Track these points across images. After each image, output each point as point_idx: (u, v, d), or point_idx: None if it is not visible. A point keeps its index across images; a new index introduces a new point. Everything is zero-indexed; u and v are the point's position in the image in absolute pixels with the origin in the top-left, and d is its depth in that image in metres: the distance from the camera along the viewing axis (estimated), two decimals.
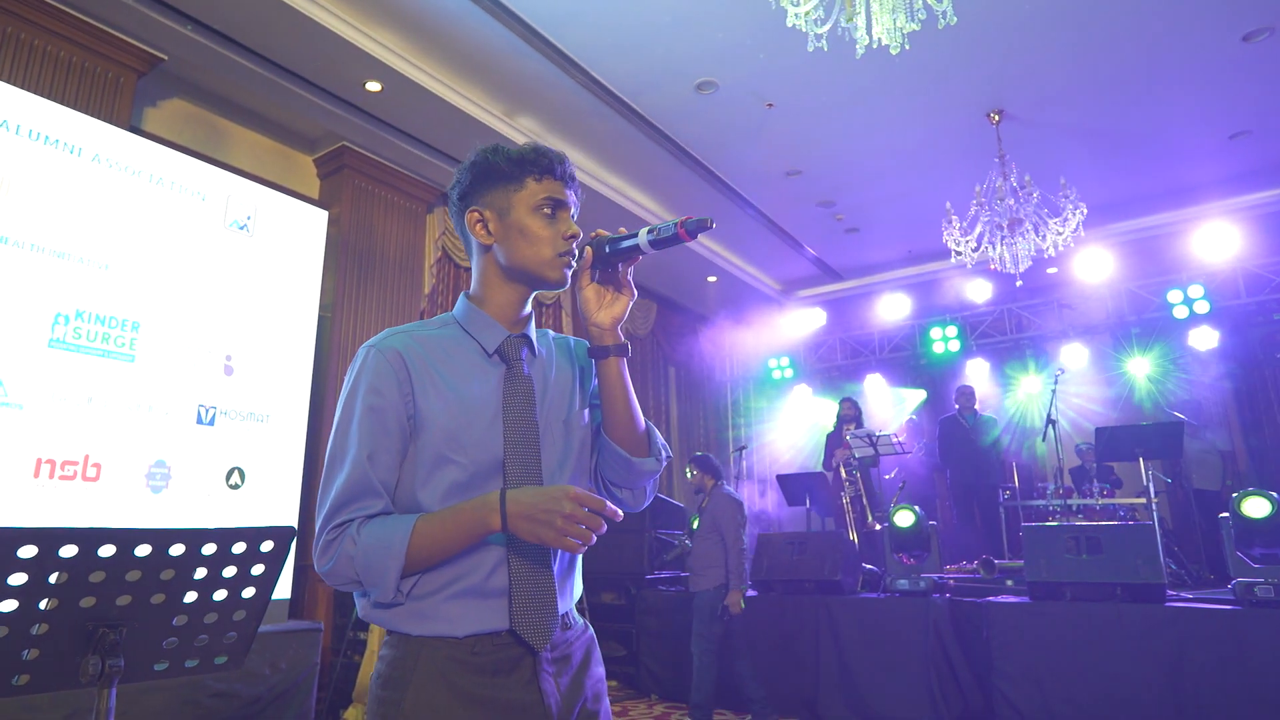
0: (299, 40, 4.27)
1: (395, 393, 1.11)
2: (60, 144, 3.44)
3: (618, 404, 1.19)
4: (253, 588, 1.34)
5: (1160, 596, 3.70)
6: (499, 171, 1.19)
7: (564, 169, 1.20)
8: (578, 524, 0.99)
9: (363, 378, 1.13)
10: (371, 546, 1.03)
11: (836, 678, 4.24)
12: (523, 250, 1.17)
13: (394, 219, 5.58)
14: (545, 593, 1.11)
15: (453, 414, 1.12)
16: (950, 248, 5.62)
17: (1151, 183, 6.63)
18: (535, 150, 1.19)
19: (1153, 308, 7.39)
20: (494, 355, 1.19)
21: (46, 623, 1.14)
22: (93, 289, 3.46)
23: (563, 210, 1.19)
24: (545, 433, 1.18)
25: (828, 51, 3.65)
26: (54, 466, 3.22)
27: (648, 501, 1.29)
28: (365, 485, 1.08)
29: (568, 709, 1.12)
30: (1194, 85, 5.17)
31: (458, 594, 1.08)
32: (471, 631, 1.07)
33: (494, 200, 1.19)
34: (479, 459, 1.12)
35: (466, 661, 1.06)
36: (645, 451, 1.23)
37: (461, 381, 1.15)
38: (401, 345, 1.15)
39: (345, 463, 1.09)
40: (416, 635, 1.07)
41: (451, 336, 1.20)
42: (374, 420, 1.10)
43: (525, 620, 1.08)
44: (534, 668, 1.09)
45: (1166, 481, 6.64)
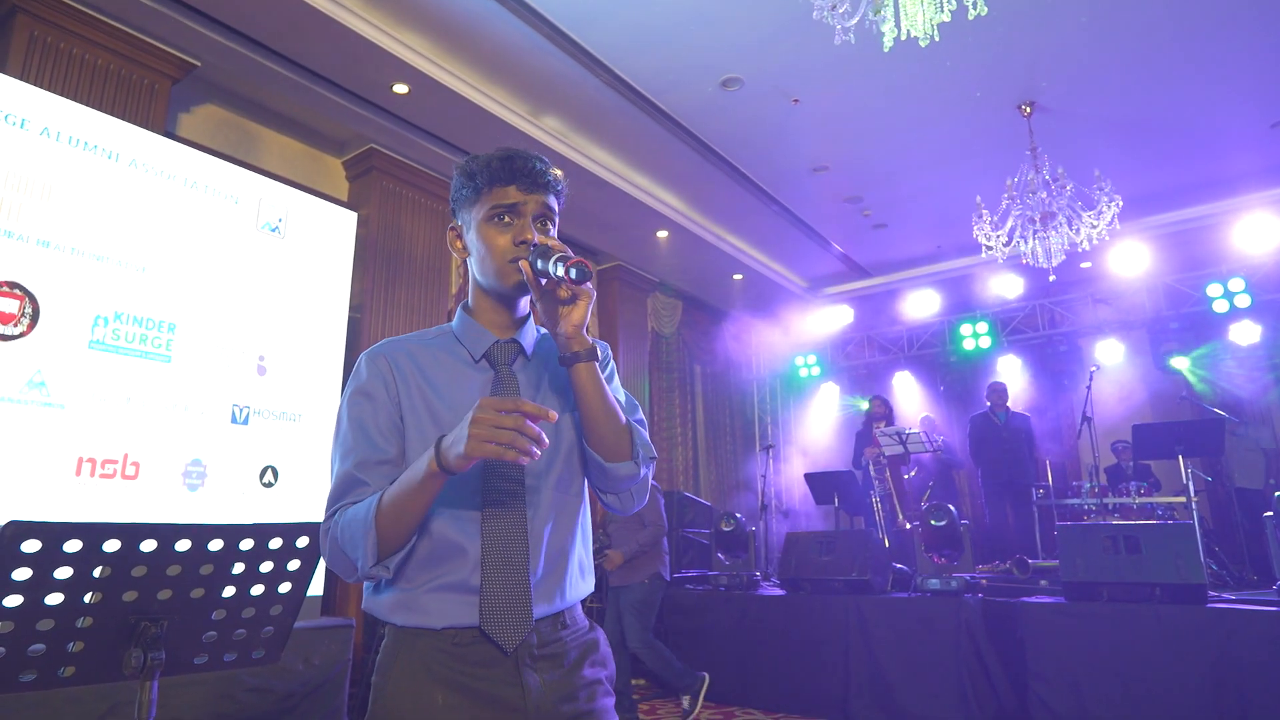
0: (327, 45, 4.33)
1: (383, 394, 1.18)
2: (98, 149, 3.52)
3: (590, 409, 1.17)
4: (289, 583, 1.36)
5: (1201, 598, 3.61)
6: (460, 187, 1.22)
7: (517, 171, 1.18)
8: (490, 426, 0.96)
9: (357, 383, 1.20)
10: (348, 523, 1.10)
11: (867, 678, 4.20)
12: (480, 263, 1.21)
13: (421, 220, 5.63)
14: (517, 594, 1.12)
15: (434, 416, 1.17)
16: (981, 242, 5.53)
17: (1189, 173, 6.47)
18: (488, 160, 1.19)
19: (1191, 302, 7.21)
20: (481, 361, 1.22)
21: (91, 616, 1.17)
22: (131, 291, 3.53)
23: (517, 216, 1.19)
24: None
25: (855, 45, 3.61)
26: (94, 465, 3.30)
27: (638, 505, 1.27)
28: (351, 482, 1.14)
29: (551, 705, 1.12)
30: (1233, 72, 5.03)
31: (437, 588, 1.12)
32: (448, 624, 1.10)
33: (462, 216, 1.24)
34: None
35: (448, 651, 1.10)
36: (625, 455, 1.20)
37: (445, 386, 1.20)
38: (389, 352, 1.21)
39: (335, 465, 1.17)
40: (401, 625, 1.12)
41: (442, 345, 1.25)
42: (360, 421, 1.16)
43: (493, 620, 1.10)
44: (516, 664, 1.11)
45: (1207, 480, 6.48)
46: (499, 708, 1.09)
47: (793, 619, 4.57)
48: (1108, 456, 6.97)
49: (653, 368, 8.07)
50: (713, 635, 4.85)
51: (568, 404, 1.24)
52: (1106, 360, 7.72)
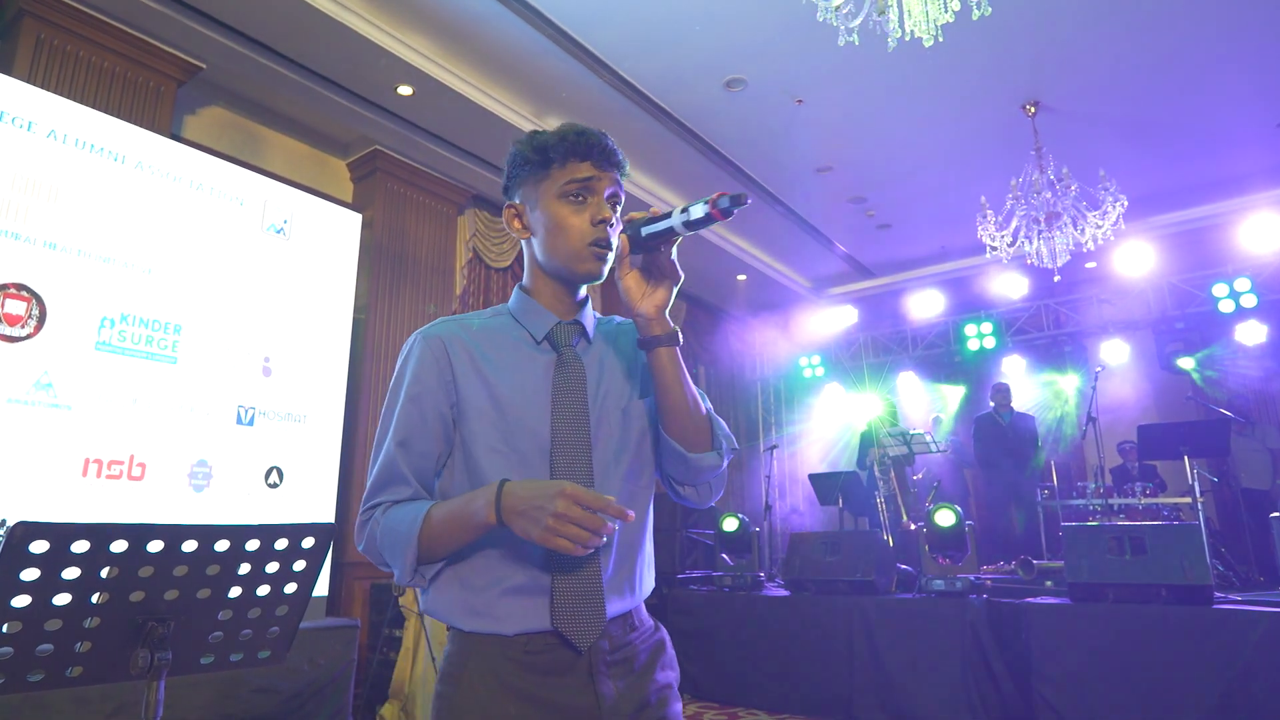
0: (332, 47, 4.34)
1: (435, 380, 1.11)
2: (105, 152, 3.54)
3: (671, 396, 1.12)
4: (295, 583, 1.37)
5: (1207, 598, 3.60)
6: (527, 161, 1.14)
7: (590, 147, 1.12)
8: (570, 524, 0.92)
9: (407, 366, 1.14)
10: (389, 531, 1.05)
11: (871, 679, 4.19)
12: (552, 243, 1.13)
13: (426, 221, 5.65)
14: (590, 592, 1.07)
15: (497, 402, 1.11)
16: (985, 243, 5.52)
17: (1195, 173, 6.45)
18: (560, 133, 1.12)
19: (1197, 302, 7.18)
20: (543, 342, 1.16)
21: (98, 616, 1.18)
22: (137, 293, 3.55)
23: (593, 194, 1.12)
24: (601, 422, 1.14)
25: (859, 46, 3.60)
26: (101, 466, 3.31)
27: (716, 497, 1.22)
28: (394, 472, 1.09)
29: (624, 712, 1.07)
30: (1239, 71, 5.01)
31: (506, 591, 1.06)
32: (520, 630, 1.05)
33: (526, 192, 1.16)
34: (525, 449, 1.10)
35: (519, 660, 1.04)
36: (706, 445, 1.15)
37: (508, 369, 1.13)
38: (446, 333, 1.15)
39: (381, 450, 1.11)
40: (469, 631, 1.07)
41: (502, 325, 1.18)
42: (411, 409, 1.11)
43: (567, 620, 1.05)
44: (589, 669, 1.06)
45: (1213, 480, 6.46)
46: (573, 718, 1.04)
47: (797, 619, 4.57)
48: (1113, 457, 6.95)
49: None
50: (717, 636, 4.85)
51: (632, 390, 1.19)
52: (1112, 361, 7.69)
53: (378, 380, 5.06)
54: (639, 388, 1.20)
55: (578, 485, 0.95)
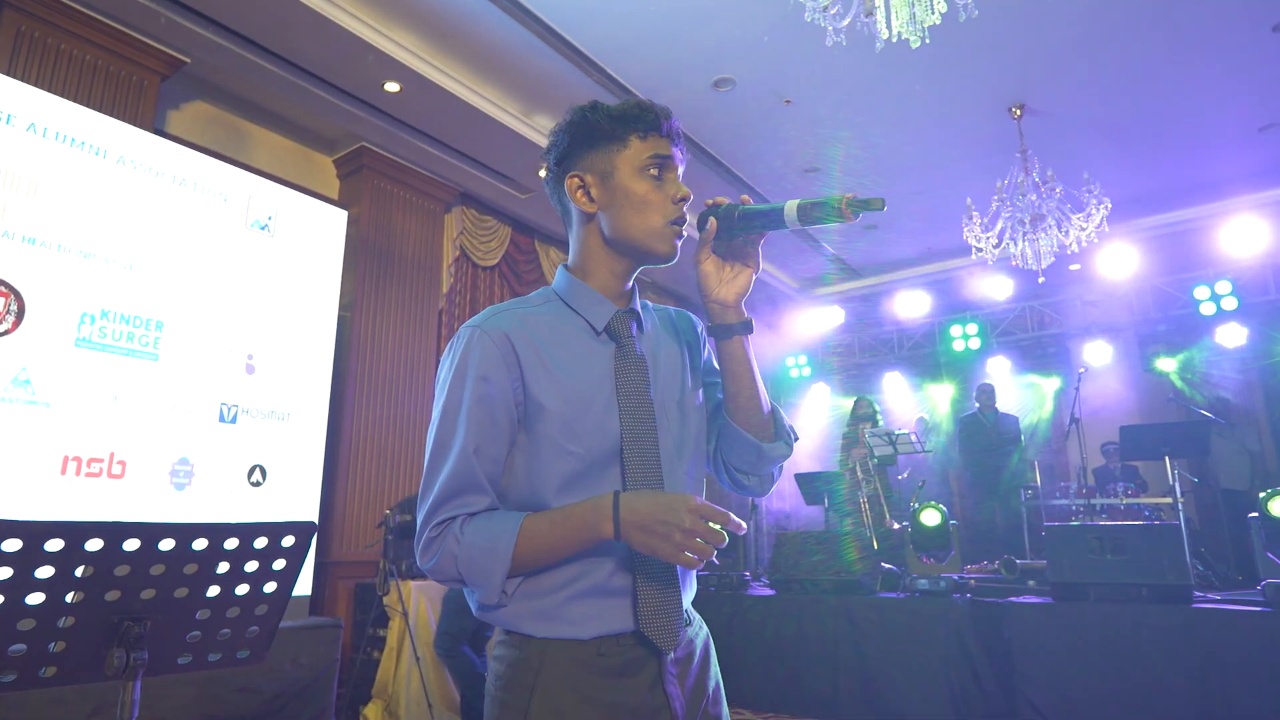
0: (319, 42, 4.31)
1: (504, 378, 1.03)
2: (86, 146, 3.50)
3: (745, 386, 1.09)
4: (274, 582, 1.36)
5: (1187, 598, 3.64)
6: (600, 131, 1.08)
7: (670, 125, 1.09)
8: (696, 539, 0.91)
9: (470, 362, 1.03)
10: (476, 546, 0.97)
11: (856, 678, 4.21)
12: (629, 218, 1.08)
13: (412, 219, 5.62)
14: (670, 591, 1.03)
15: (567, 401, 1.03)
16: (971, 244, 5.56)
17: (1178, 177, 6.52)
18: (639, 105, 1.08)
19: (1179, 304, 7.27)
20: (602, 333, 1.09)
21: (72, 616, 1.16)
22: (118, 289, 3.51)
23: (670, 171, 1.09)
24: (660, 416, 1.09)
25: (846, 46, 3.62)
26: (80, 464, 3.27)
27: (773, 486, 1.20)
28: (470, 480, 1.00)
29: (692, 711, 1.06)
30: (1222, 76, 5.07)
31: (580, 593, 1.01)
32: (598, 634, 1.00)
33: (596, 163, 1.08)
34: (595, 448, 1.04)
35: (592, 664, 0.99)
36: (773, 435, 1.13)
37: (572, 364, 1.06)
38: (508, 326, 1.05)
39: (450, 455, 1.01)
40: (540, 637, 1.00)
41: (556, 314, 1.10)
42: (482, 410, 1.01)
43: (652, 622, 1.00)
44: (659, 670, 1.03)
45: (1193, 481, 6.53)
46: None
47: (782, 619, 4.58)
48: (1095, 458, 7.01)
49: None
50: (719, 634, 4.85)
51: (685, 382, 1.15)
52: (1095, 362, 7.77)
53: (363, 378, 5.02)
54: (689, 379, 1.17)
55: (699, 500, 0.93)
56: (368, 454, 4.94)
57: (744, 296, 1.10)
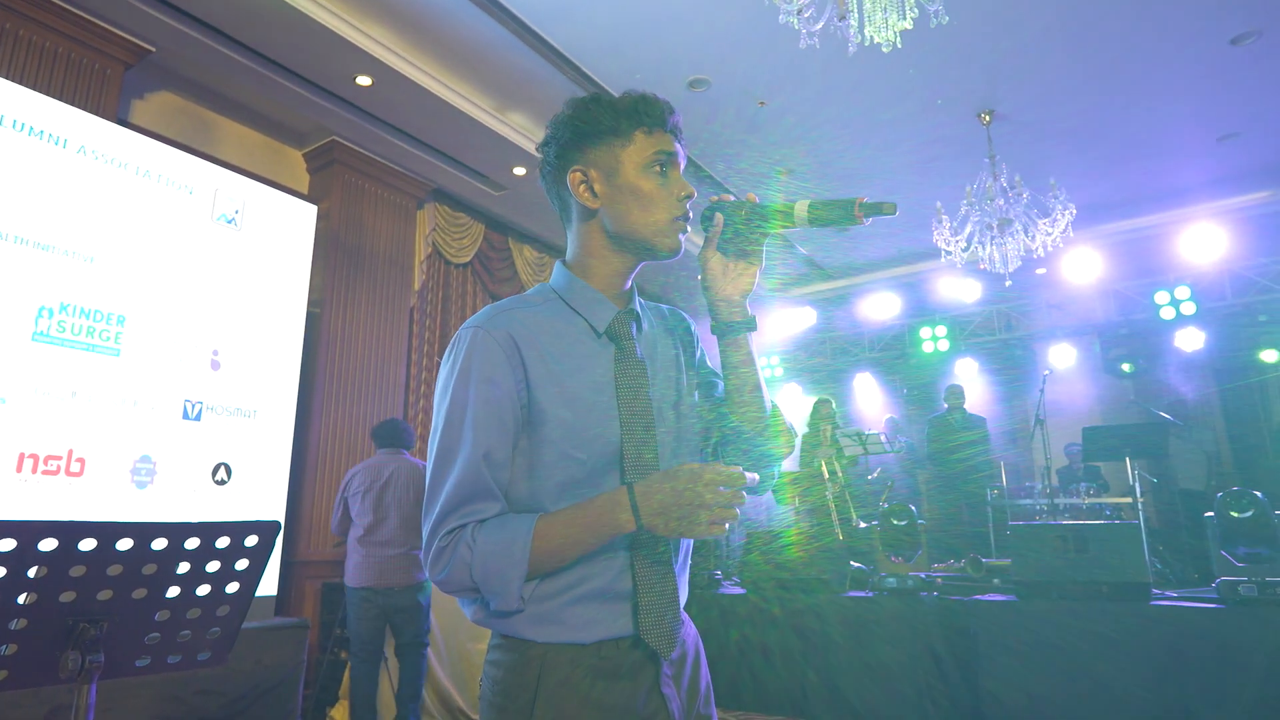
0: (289, 33, 4.24)
1: (509, 380, 1.00)
2: (45, 135, 3.40)
3: (748, 383, 1.09)
4: (236, 583, 1.33)
5: (1146, 595, 3.73)
6: (604, 125, 1.06)
7: (674, 120, 1.08)
8: (723, 508, 0.91)
9: (474, 363, 1.00)
10: (490, 553, 0.94)
11: (825, 675, 4.25)
12: (634, 214, 1.06)
13: (384, 215, 5.55)
14: (670, 595, 1.03)
15: (570, 405, 1.02)
16: (940, 247, 5.64)
17: (1140, 184, 6.67)
18: (643, 99, 1.07)
19: (1140, 308, 7.44)
20: (603, 335, 1.08)
21: (25, 618, 1.13)
22: (78, 282, 3.42)
23: (674, 167, 1.08)
24: (658, 418, 1.08)
25: (820, 50, 3.65)
26: (37, 461, 3.19)
27: (772, 484, 1.19)
28: (480, 487, 0.98)
29: (687, 712, 1.06)
30: (1183, 87, 5.20)
31: (581, 597, 1.00)
32: (599, 638, 0.99)
33: (599, 158, 1.07)
34: (597, 453, 1.02)
35: (593, 667, 0.99)
36: (775, 432, 1.14)
37: (575, 367, 1.04)
38: (511, 326, 1.03)
39: (458, 461, 0.98)
40: (541, 642, 0.99)
41: (556, 314, 1.08)
42: (489, 413, 0.99)
43: (651, 627, 1.00)
44: (656, 672, 1.03)
45: (1152, 481, 6.69)
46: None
47: (752, 617, 4.60)
48: (1059, 458, 7.15)
49: None
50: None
51: (680, 384, 1.14)
52: (1059, 364, 7.92)
53: (331, 375, 4.96)
54: (685, 380, 1.16)
55: (711, 468, 0.92)
56: (336, 452, 4.88)
57: (749, 294, 1.11)
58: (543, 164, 1.13)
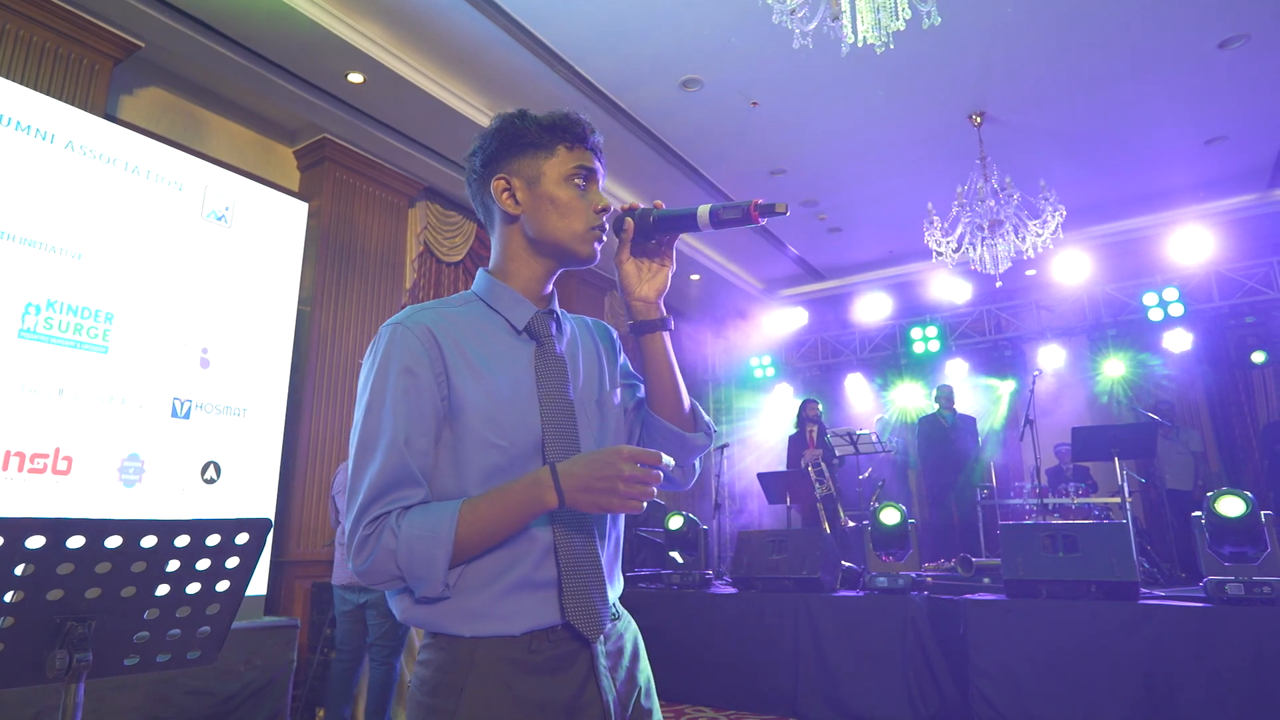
0: (280, 29, 4.22)
1: (429, 372, 1.04)
2: (33, 130, 3.37)
3: (666, 379, 1.15)
4: (227, 581, 1.32)
5: (1134, 594, 3.75)
6: (529, 138, 1.12)
7: (595, 139, 1.15)
8: (638, 483, 0.95)
9: (393, 356, 1.04)
10: (415, 537, 0.95)
11: (815, 674, 4.26)
12: (553, 222, 1.12)
13: (375, 212, 5.53)
14: (595, 580, 1.06)
15: (489, 395, 1.06)
16: (931, 248, 5.66)
17: (1129, 186, 6.72)
18: (566, 117, 1.13)
19: (1129, 310, 7.50)
20: (523, 333, 1.13)
21: (11, 616, 1.11)
22: (65, 279, 3.39)
23: (593, 182, 1.14)
24: (580, 413, 1.13)
25: (813, 50, 3.66)
26: (23, 459, 3.16)
27: (694, 478, 1.25)
28: (403, 473, 0.99)
29: (624, 705, 1.08)
30: (1172, 91, 5.24)
31: (509, 588, 1.01)
32: (529, 628, 1.01)
33: (522, 168, 1.12)
34: (519, 441, 1.06)
35: (524, 662, 1.00)
36: (693, 427, 1.20)
37: (494, 360, 1.09)
38: (431, 321, 1.07)
39: (379, 450, 1.00)
40: (469, 636, 1.00)
41: (477, 313, 1.13)
42: (409, 402, 1.02)
43: (578, 611, 1.03)
44: (590, 663, 1.04)
45: (1140, 481, 6.75)
46: (582, 716, 1.02)
47: (744, 617, 4.61)
48: (1049, 458, 7.20)
49: None
50: (664, 634, 4.86)
51: (602, 381, 1.20)
52: (1048, 365, 7.97)
53: (322, 374, 4.93)
54: (608, 380, 1.21)
55: (629, 447, 0.97)
56: (326, 451, 4.85)
57: (663, 293, 1.16)
58: (469, 173, 1.18)
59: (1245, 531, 3.56)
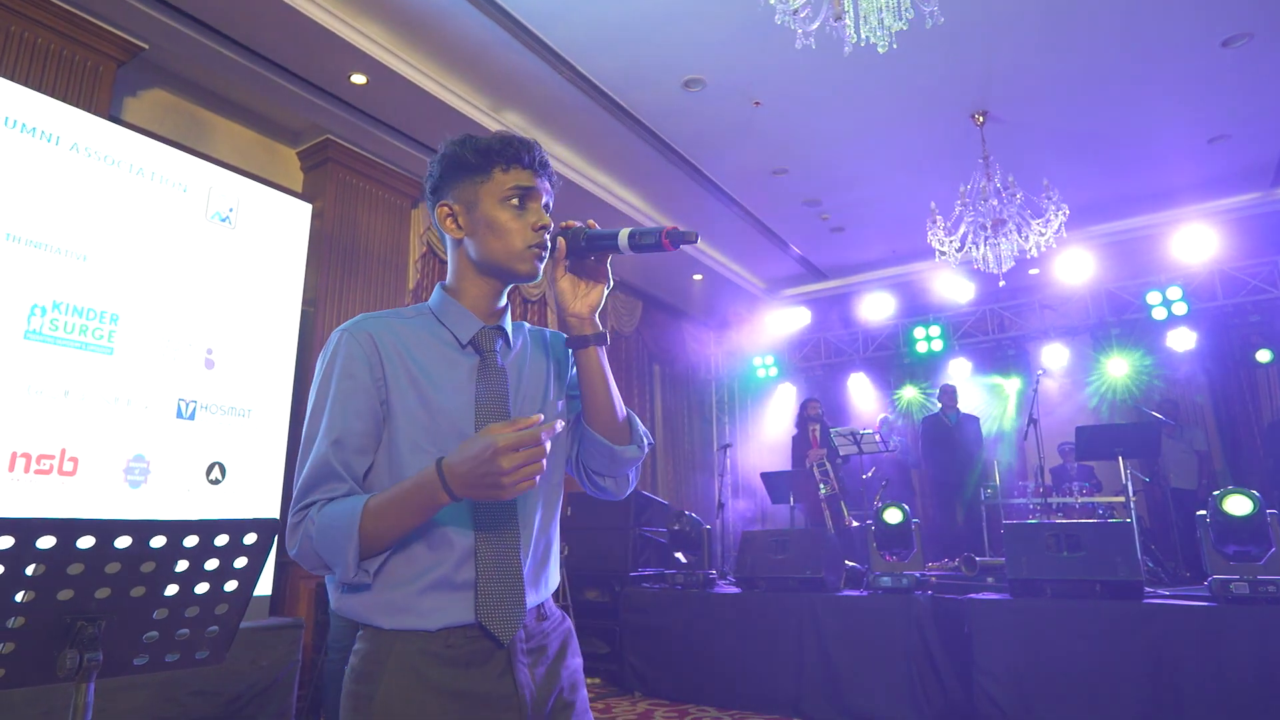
0: (283, 31, 4.23)
1: (367, 376, 1.11)
2: (38, 132, 3.38)
3: (599, 393, 1.20)
4: (235, 581, 1.32)
5: (1138, 593, 3.75)
6: (466, 163, 1.18)
7: (533, 156, 1.18)
8: (520, 469, 0.97)
9: (336, 361, 1.12)
10: (326, 527, 1.04)
11: (819, 674, 4.26)
12: (491, 243, 1.17)
13: (378, 213, 5.54)
14: (512, 586, 1.11)
15: (424, 402, 1.12)
16: (934, 248, 5.66)
17: (1132, 185, 6.71)
18: (501, 140, 1.17)
19: (1132, 309, 7.49)
20: (467, 346, 1.19)
21: (22, 616, 1.12)
22: (70, 280, 3.40)
23: (532, 200, 1.18)
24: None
25: (815, 50, 3.66)
26: (29, 460, 3.17)
27: (630, 489, 1.29)
28: (329, 470, 1.08)
29: (543, 699, 1.13)
30: (1175, 89, 5.23)
31: (428, 586, 1.08)
32: (443, 625, 1.07)
33: (462, 193, 1.18)
34: (449, 447, 1.08)
35: (439, 654, 1.06)
36: (627, 439, 1.24)
37: (434, 370, 1.15)
38: (375, 329, 1.15)
39: (313, 448, 1.10)
40: (389, 629, 1.07)
41: (425, 325, 1.20)
42: (343, 404, 1.10)
43: (491, 613, 1.08)
44: (508, 659, 1.10)
45: (1145, 480, 6.73)
46: (495, 707, 1.07)
47: (748, 617, 4.61)
48: (1053, 457, 7.19)
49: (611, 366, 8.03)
50: (668, 634, 4.87)
51: (549, 393, 1.25)
52: (1052, 364, 7.96)
53: None
54: (553, 390, 1.26)
55: (502, 432, 0.97)
56: None
57: (597, 309, 1.19)
58: (425, 197, 1.25)
59: (1251, 530, 3.55)
